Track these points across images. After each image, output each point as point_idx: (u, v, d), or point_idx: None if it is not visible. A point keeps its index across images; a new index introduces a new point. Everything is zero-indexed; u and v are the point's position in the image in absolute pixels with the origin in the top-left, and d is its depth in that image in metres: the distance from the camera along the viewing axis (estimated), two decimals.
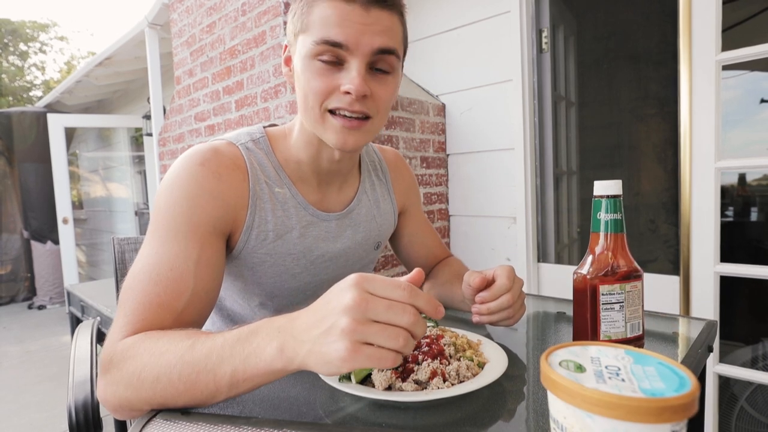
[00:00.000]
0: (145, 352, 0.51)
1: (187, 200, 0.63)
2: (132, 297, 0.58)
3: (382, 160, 0.93)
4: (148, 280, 0.58)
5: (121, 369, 0.52)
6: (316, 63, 0.63)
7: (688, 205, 1.43)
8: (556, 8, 1.85)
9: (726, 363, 1.46)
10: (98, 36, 43.72)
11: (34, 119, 5.01)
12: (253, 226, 0.70)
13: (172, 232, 0.61)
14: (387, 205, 0.90)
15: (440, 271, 0.94)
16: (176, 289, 0.58)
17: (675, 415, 0.27)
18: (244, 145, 0.72)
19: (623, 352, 0.36)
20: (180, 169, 0.65)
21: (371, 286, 0.43)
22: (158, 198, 0.65)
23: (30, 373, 3.06)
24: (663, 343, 0.74)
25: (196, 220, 0.63)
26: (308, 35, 0.63)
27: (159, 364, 0.49)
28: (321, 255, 0.78)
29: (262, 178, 0.71)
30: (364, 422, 0.51)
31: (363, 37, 0.61)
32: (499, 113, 1.87)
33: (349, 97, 0.63)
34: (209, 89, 2.35)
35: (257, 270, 0.73)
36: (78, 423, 0.71)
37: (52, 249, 4.93)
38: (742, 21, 2.50)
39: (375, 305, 0.42)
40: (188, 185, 0.64)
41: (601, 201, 0.62)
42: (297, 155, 0.75)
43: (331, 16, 0.61)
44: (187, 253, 0.60)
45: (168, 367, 0.48)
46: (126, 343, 0.54)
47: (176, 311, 0.58)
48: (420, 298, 0.44)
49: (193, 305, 0.60)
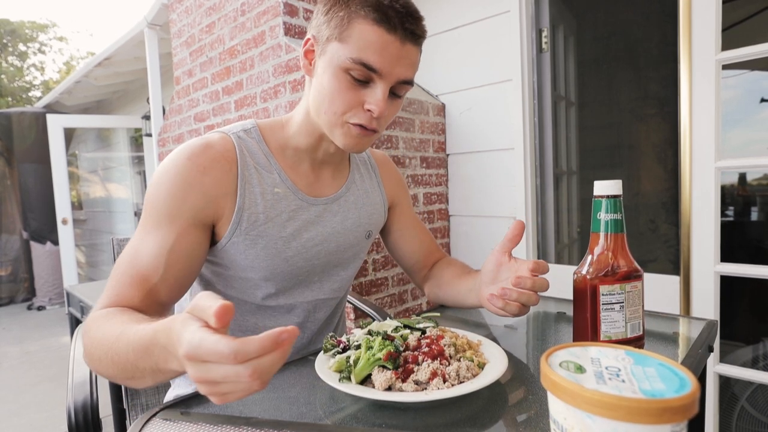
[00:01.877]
0: (98, 330, 0.59)
1: (170, 193, 0.69)
2: (114, 275, 0.67)
3: (371, 157, 0.98)
4: (128, 262, 0.67)
5: (84, 338, 0.61)
6: (347, 76, 0.68)
7: (688, 205, 1.43)
8: (555, 8, 1.85)
9: (726, 363, 1.45)
10: (97, 36, 43.76)
11: (34, 120, 5.00)
12: (244, 208, 0.74)
13: (155, 221, 0.68)
14: (376, 197, 0.94)
15: (443, 271, 0.95)
16: (148, 270, 0.66)
17: (675, 416, 0.27)
18: (236, 134, 0.77)
19: (623, 352, 0.35)
20: (169, 162, 0.71)
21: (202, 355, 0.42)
22: (149, 189, 0.71)
23: (29, 373, 3.06)
24: (663, 343, 0.74)
25: (175, 211, 0.69)
26: (345, 47, 0.67)
27: (99, 346, 0.57)
28: (311, 238, 0.81)
29: (252, 164, 0.76)
30: (364, 423, 0.51)
31: (394, 68, 0.68)
32: (498, 113, 1.87)
33: (369, 114, 0.70)
34: (209, 89, 2.35)
35: (250, 252, 0.76)
36: (77, 423, 0.71)
37: (51, 250, 4.93)
38: (742, 20, 2.50)
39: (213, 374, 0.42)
40: (173, 179, 0.69)
41: (601, 201, 0.62)
42: (296, 142, 0.80)
43: (372, 42, 0.66)
44: (163, 242, 0.67)
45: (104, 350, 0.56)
46: (94, 316, 0.62)
47: (145, 290, 0.65)
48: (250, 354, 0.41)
49: (162, 287, 0.67)
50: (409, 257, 1.00)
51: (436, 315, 0.76)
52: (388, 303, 1.84)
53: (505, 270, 0.73)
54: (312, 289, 0.85)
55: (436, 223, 2.03)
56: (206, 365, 0.41)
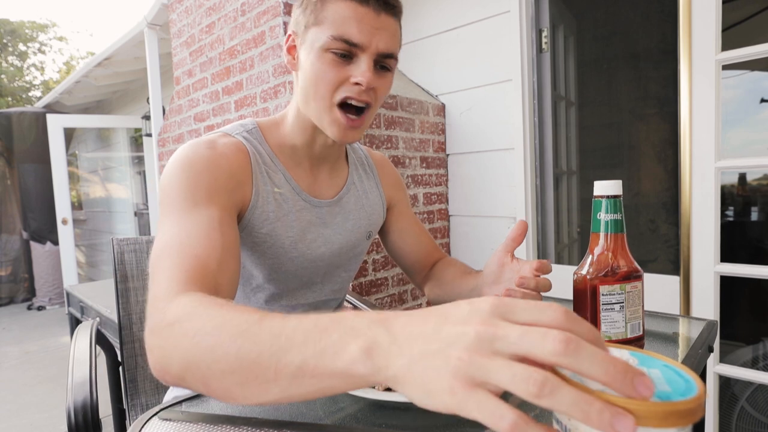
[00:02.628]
0: (205, 315, 0.44)
1: (201, 174, 0.66)
2: (167, 262, 0.55)
3: (368, 157, 0.98)
4: (179, 243, 0.57)
5: (174, 329, 0.45)
6: (329, 55, 0.69)
7: (688, 205, 1.43)
8: (555, 8, 1.85)
9: (726, 363, 1.45)
10: (97, 36, 43.77)
11: (34, 120, 5.00)
12: (257, 205, 0.74)
13: (190, 203, 0.62)
14: (375, 197, 0.94)
15: (444, 271, 0.94)
16: (208, 245, 0.58)
17: (682, 419, 0.26)
18: (241, 134, 0.76)
19: (628, 353, 0.35)
20: (188, 151, 0.68)
21: (508, 311, 0.31)
22: (167, 181, 0.66)
23: (29, 373, 3.06)
24: (663, 343, 0.74)
25: (213, 189, 0.65)
26: (322, 29, 0.69)
27: (218, 333, 0.41)
28: (314, 239, 0.81)
29: (260, 162, 0.76)
30: (364, 423, 0.51)
31: (374, 39, 0.68)
32: (498, 113, 1.87)
33: (359, 87, 0.70)
34: (209, 90, 2.35)
35: (257, 250, 0.76)
36: (77, 424, 0.71)
37: (51, 250, 4.93)
38: (742, 21, 2.50)
39: (507, 331, 0.29)
40: (200, 163, 0.67)
41: (601, 201, 0.62)
42: (292, 140, 0.80)
43: (347, 16, 0.67)
44: (210, 215, 0.62)
45: (228, 338, 0.40)
46: (181, 302, 0.48)
47: (212, 270, 0.56)
48: (580, 324, 0.30)
49: (226, 264, 0.59)
50: (408, 257, 1.00)
51: None
52: (388, 303, 1.84)
53: (508, 270, 0.73)
54: (313, 291, 0.85)
55: (436, 223, 2.03)
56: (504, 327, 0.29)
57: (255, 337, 0.39)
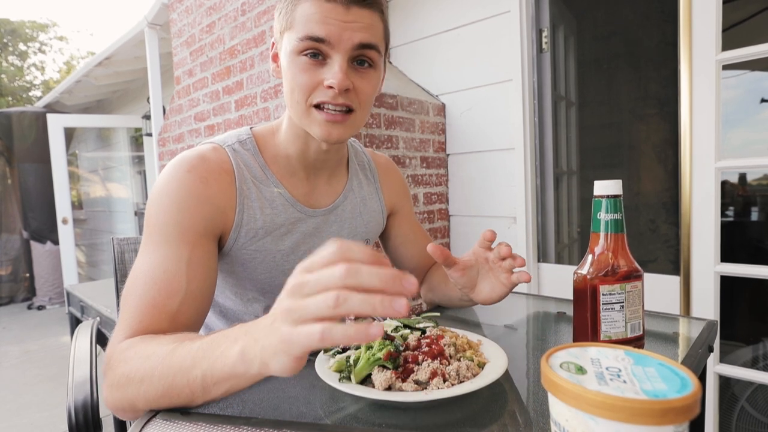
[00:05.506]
0: (135, 355, 0.53)
1: (177, 207, 0.66)
2: (130, 302, 0.61)
3: (371, 161, 0.95)
4: (143, 284, 0.61)
5: (115, 371, 0.54)
6: (301, 58, 0.67)
7: (688, 205, 1.43)
8: (556, 8, 1.85)
9: (726, 363, 1.45)
10: (98, 36, 43.73)
11: (34, 119, 5.00)
12: (242, 224, 0.73)
13: (163, 238, 0.64)
14: (374, 204, 0.92)
15: (434, 274, 0.95)
16: (170, 289, 0.61)
17: (678, 416, 0.27)
18: (231, 147, 0.75)
19: (623, 353, 0.35)
20: (168, 176, 0.68)
21: (298, 289, 0.40)
22: (149, 206, 0.68)
23: (29, 373, 3.06)
24: (663, 343, 0.74)
25: (186, 224, 0.65)
26: (293, 32, 0.67)
27: (144, 367, 0.51)
28: (309, 250, 0.80)
29: (249, 177, 0.74)
30: (364, 422, 0.51)
31: (344, 33, 0.65)
32: (499, 113, 1.87)
33: (332, 91, 0.66)
34: (209, 89, 2.35)
35: (248, 266, 0.75)
36: (78, 423, 0.71)
37: (51, 249, 4.93)
38: (742, 21, 2.50)
39: (307, 280, 0.39)
40: (177, 192, 0.67)
41: (601, 201, 0.62)
42: (286, 150, 0.78)
43: (313, 14, 0.65)
44: (179, 256, 0.63)
45: (151, 369, 0.50)
46: (122, 347, 0.56)
47: (171, 312, 0.60)
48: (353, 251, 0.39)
49: (187, 305, 0.62)
50: (409, 263, 0.99)
51: (436, 315, 0.76)
52: None
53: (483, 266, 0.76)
54: None
55: (436, 223, 2.03)
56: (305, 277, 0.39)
57: (170, 363, 0.49)
